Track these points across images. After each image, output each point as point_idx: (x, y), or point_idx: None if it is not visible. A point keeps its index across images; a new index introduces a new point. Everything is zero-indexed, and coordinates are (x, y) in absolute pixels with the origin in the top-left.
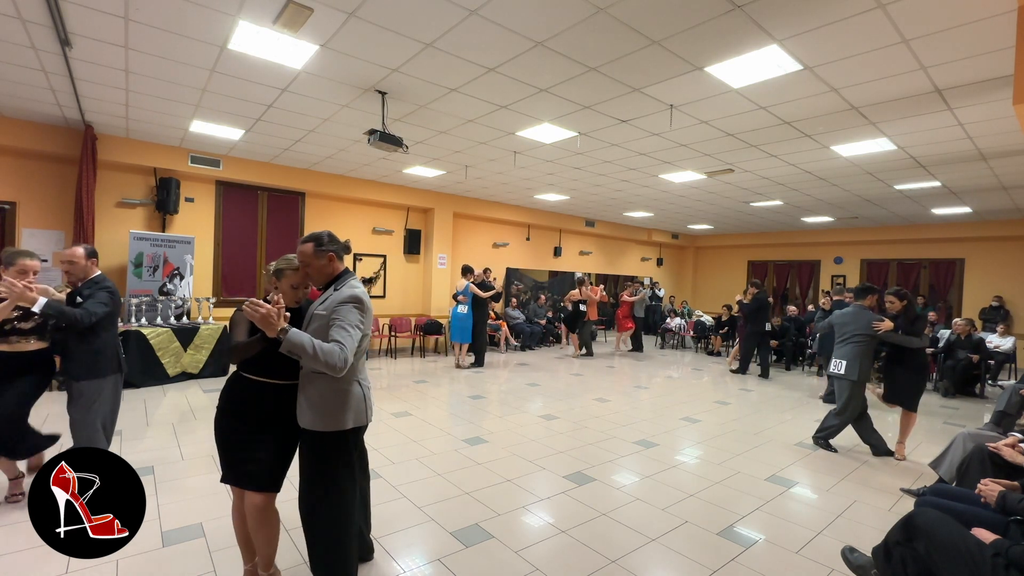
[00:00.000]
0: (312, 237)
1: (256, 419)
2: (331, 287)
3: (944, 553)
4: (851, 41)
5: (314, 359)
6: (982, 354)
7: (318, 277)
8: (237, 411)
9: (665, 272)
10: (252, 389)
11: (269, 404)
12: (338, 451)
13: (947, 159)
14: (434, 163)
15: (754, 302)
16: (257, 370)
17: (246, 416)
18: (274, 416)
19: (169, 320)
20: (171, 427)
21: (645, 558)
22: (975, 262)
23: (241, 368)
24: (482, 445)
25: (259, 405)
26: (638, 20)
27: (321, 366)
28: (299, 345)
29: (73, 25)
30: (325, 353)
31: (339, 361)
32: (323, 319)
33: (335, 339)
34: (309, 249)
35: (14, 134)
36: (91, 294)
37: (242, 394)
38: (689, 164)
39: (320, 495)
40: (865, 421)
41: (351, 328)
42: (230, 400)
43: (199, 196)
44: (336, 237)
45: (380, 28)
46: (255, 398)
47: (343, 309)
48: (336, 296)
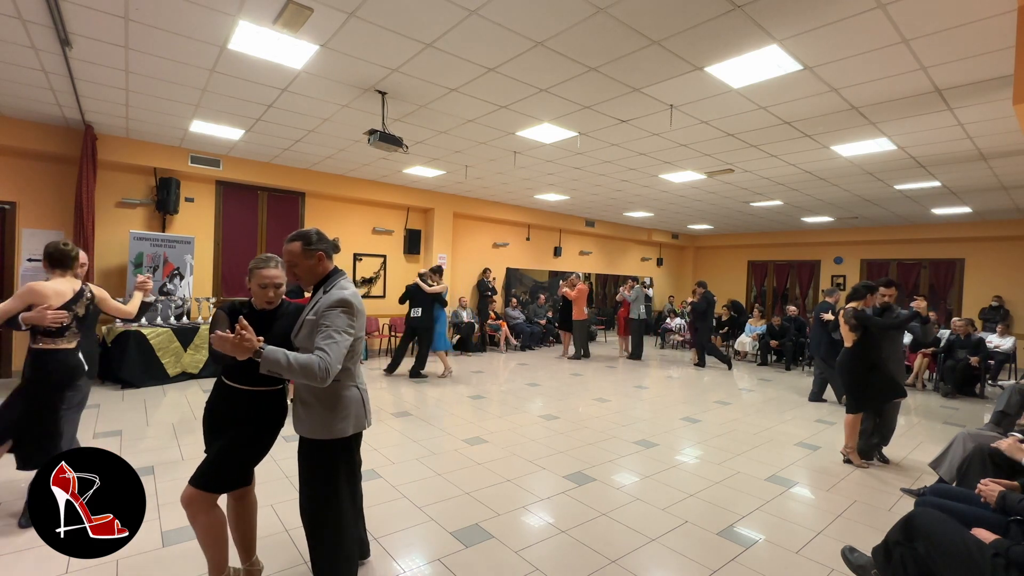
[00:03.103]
0: (299, 235)
1: (225, 421)
2: (320, 289)
3: (944, 553)
4: (851, 41)
5: (292, 372)
6: (982, 354)
7: (307, 278)
8: (208, 414)
9: (665, 272)
10: (225, 393)
11: (241, 410)
12: (340, 458)
13: (947, 159)
14: (434, 163)
15: (703, 301)
16: (236, 377)
17: (215, 418)
18: (237, 419)
19: (169, 320)
20: (171, 427)
21: (645, 558)
22: (975, 262)
23: (222, 374)
24: (482, 445)
25: (233, 409)
26: (638, 20)
27: (301, 378)
28: (275, 362)
29: (73, 25)
30: (303, 366)
31: (320, 372)
32: (313, 324)
33: (319, 347)
34: (297, 248)
35: (14, 134)
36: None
37: (215, 398)
38: (689, 164)
39: (322, 502)
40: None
41: (338, 334)
42: (208, 404)
43: (199, 196)
44: (324, 235)
45: (380, 28)
46: (228, 402)
47: (331, 314)
48: (324, 300)
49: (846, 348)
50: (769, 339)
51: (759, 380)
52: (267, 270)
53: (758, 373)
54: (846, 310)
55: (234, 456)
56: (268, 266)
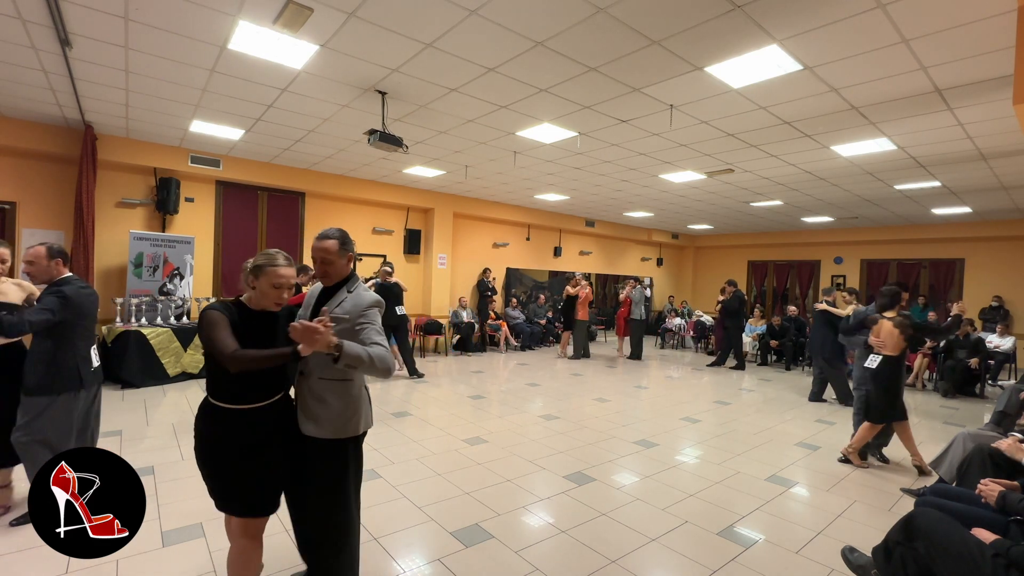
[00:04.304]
0: (336, 234)
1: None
2: (343, 288)
3: (944, 553)
4: (851, 41)
5: (371, 365)
6: (981, 354)
7: (336, 276)
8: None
9: (665, 272)
10: (235, 418)
11: (271, 426)
12: (352, 456)
13: (947, 159)
14: (434, 163)
15: (735, 300)
16: (239, 397)
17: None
18: (270, 441)
19: (169, 320)
20: (171, 427)
21: (645, 558)
22: (975, 262)
23: (216, 397)
24: (482, 445)
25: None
26: (638, 20)
27: (377, 373)
28: (356, 356)
29: (73, 25)
30: (379, 359)
31: (391, 364)
32: (346, 323)
33: (376, 342)
34: (335, 247)
35: (14, 134)
36: (41, 298)
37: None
38: (689, 164)
39: (342, 506)
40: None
41: (380, 333)
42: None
43: (199, 196)
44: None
45: (380, 28)
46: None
47: (371, 313)
48: (360, 300)
49: (888, 357)
50: (769, 339)
51: (759, 380)
52: (283, 268)
53: (758, 373)
54: (898, 318)
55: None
56: (282, 263)
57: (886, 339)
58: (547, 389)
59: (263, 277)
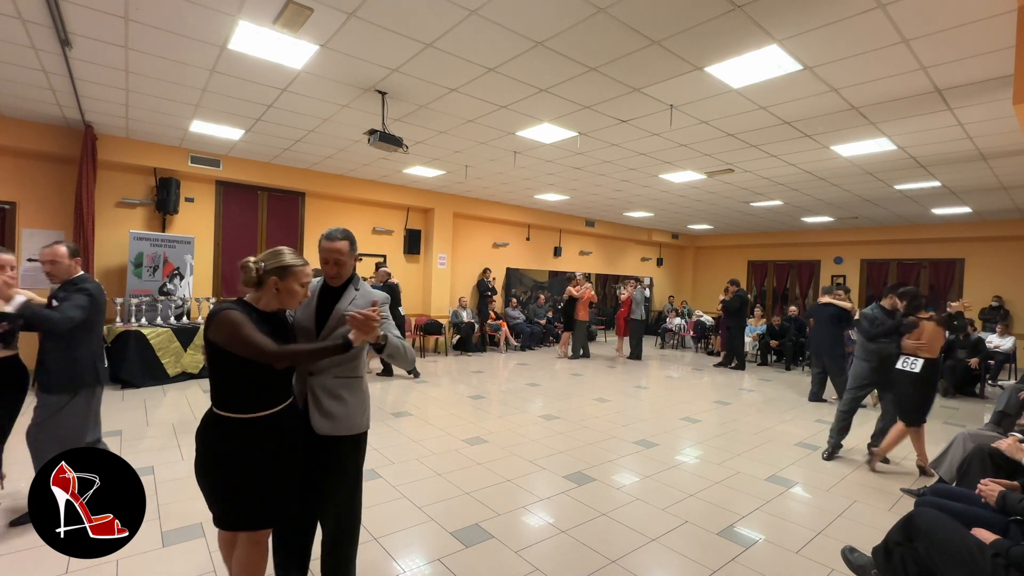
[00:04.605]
0: (346, 235)
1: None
2: (350, 286)
3: (944, 553)
4: (851, 41)
5: (404, 357)
6: (981, 354)
7: (346, 275)
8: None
9: (665, 272)
10: (247, 427)
11: (290, 435)
12: (363, 449)
13: (947, 159)
14: (434, 163)
15: (736, 300)
16: (249, 405)
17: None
18: (291, 452)
19: (169, 320)
20: (171, 427)
21: (645, 558)
22: (975, 262)
23: (227, 409)
24: (482, 445)
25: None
26: (638, 20)
27: (407, 363)
28: (396, 347)
29: (73, 25)
30: (409, 349)
31: (414, 355)
32: None
33: (397, 336)
34: (346, 247)
35: (14, 134)
36: (66, 296)
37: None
38: (689, 164)
39: (352, 496)
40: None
41: (395, 325)
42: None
43: (199, 196)
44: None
45: (380, 28)
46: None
47: (384, 308)
48: (370, 296)
49: (930, 359)
50: (769, 339)
51: (759, 380)
52: (307, 266)
53: (758, 373)
54: (937, 316)
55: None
56: (303, 261)
57: (931, 340)
58: (547, 389)
59: (290, 278)
